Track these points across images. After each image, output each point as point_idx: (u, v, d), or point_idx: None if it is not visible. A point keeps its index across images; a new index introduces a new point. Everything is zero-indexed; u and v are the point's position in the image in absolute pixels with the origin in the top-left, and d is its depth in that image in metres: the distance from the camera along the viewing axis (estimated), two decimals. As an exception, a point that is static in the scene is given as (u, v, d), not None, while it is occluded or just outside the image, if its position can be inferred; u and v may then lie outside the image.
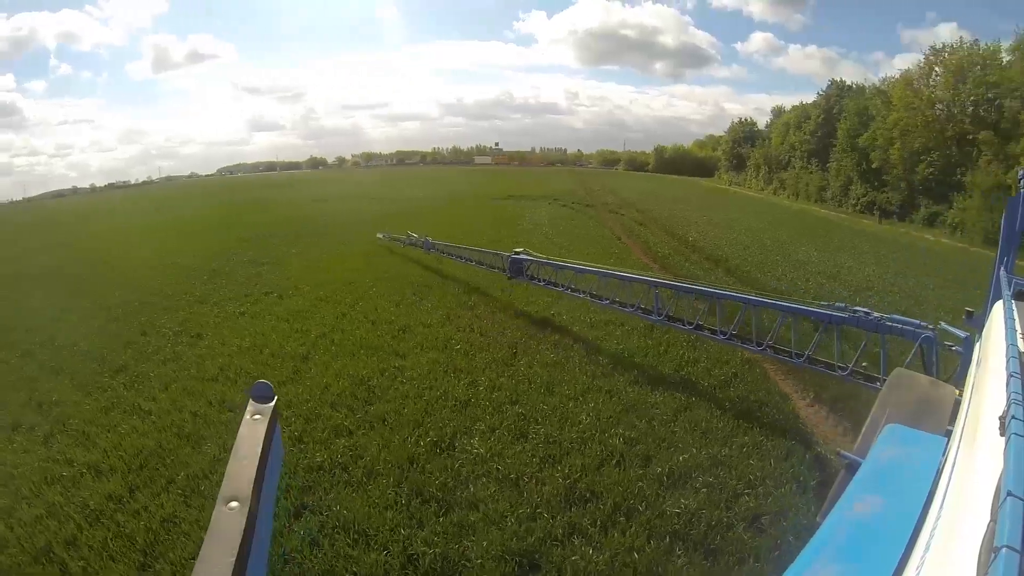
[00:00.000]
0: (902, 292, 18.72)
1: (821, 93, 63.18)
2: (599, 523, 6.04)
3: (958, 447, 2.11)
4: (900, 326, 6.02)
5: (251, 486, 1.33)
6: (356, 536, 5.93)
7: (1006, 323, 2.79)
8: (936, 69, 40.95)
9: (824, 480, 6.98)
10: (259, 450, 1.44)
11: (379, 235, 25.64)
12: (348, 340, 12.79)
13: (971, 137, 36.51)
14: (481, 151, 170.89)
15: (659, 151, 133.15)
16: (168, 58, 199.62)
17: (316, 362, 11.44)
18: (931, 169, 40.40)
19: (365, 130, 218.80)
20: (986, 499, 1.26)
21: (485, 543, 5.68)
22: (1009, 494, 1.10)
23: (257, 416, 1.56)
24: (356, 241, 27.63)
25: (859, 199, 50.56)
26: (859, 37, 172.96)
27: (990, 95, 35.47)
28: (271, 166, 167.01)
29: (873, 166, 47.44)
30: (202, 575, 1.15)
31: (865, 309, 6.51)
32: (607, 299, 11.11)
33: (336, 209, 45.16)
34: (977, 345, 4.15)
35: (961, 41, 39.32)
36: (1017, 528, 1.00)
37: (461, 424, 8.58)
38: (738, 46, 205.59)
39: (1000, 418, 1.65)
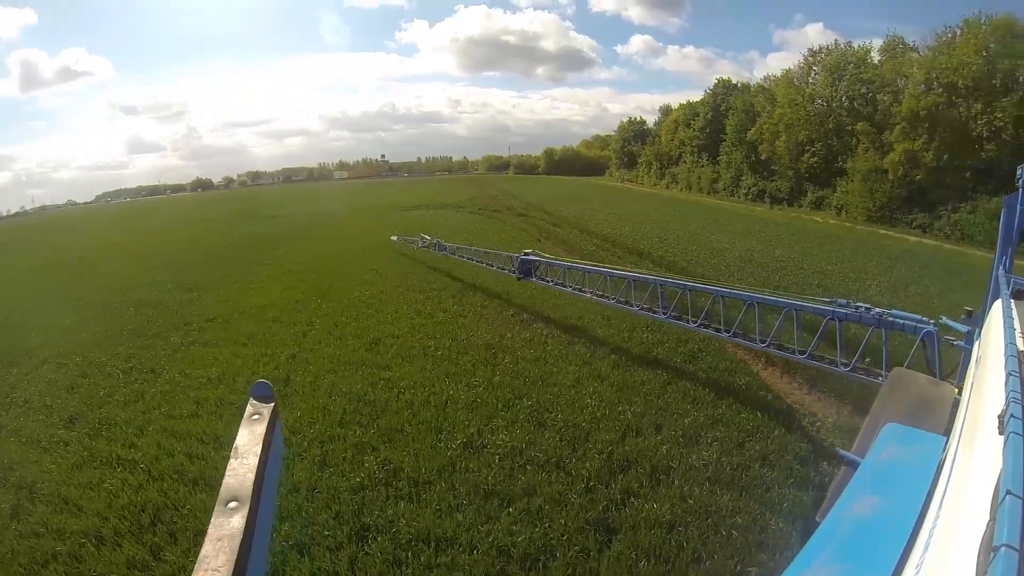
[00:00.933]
0: (810, 269, 21.42)
1: (708, 91, 67.20)
2: (646, 483, 6.87)
3: (957, 446, 2.12)
4: (901, 321, 5.98)
5: (251, 486, 1.33)
6: (437, 544, 6.11)
7: (1005, 322, 2.80)
8: (815, 68, 45.91)
9: (799, 424, 8.55)
10: (259, 449, 1.43)
11: (393, 237, 26.76)
12: (322, 359, 12.50)
13: (849, 128, 40.94)
14: (368, 164, 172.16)
15: (549, 153, 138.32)
16: (38, 75, 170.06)
17: (300, 384, 11.10)
18: (815, 158, 44.60)
19: (249, 148, 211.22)
20: (985, 498, 1.26)
21: (563, 520, 6.19)
22: (1008, 493, 1.10)
23: (256, 416, 1.54)
24: (279, 261, 26.40)
25: (750, 188, 54.03)
26: (734, 38, 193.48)
27: (864, 90, 40.25)
28: (155, 190, 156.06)
29: (762, 158, 51.30)
30: (202, 575, 1.14)
31: (866, 304, 6.45)
32: (613, 298, 11.15)
33: (240, 231, 41.64)
34: (976, 344, 4.18)
35: (836, 43, 45.05)
36: (1016, 527, 1.00)
37: (480, 423, 8.97)
38: (618, 48, 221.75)
39: (999, 417, 1.65)
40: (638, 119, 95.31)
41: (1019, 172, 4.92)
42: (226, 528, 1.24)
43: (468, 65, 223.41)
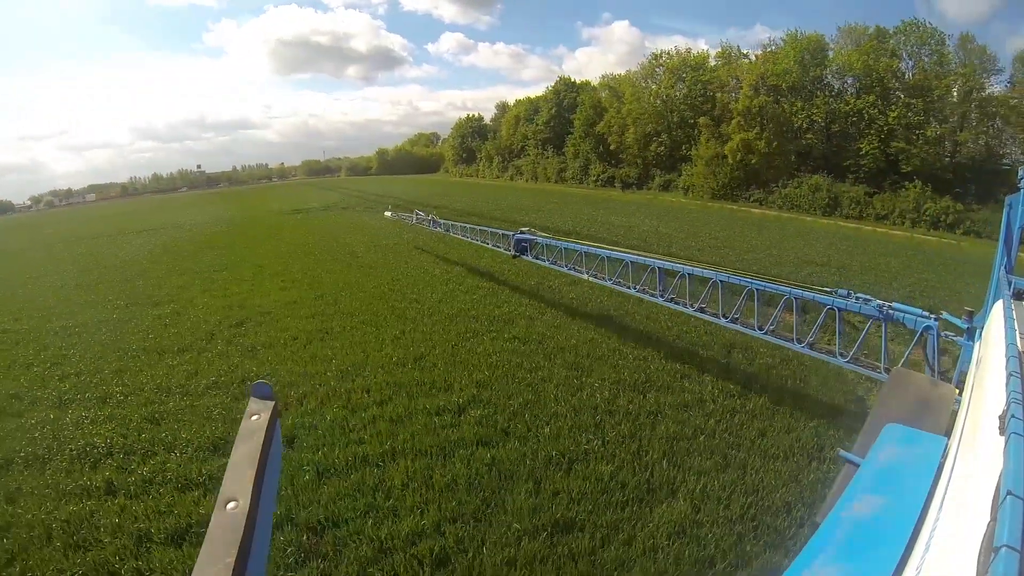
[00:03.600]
0: (707, 236, 25.95)
1: (550, 88, 72.21)
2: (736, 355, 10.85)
3: (958, 446, 2.13)
4: (902, 314, 5.85)
5: (251, 486, 1.33)
6: (669, 414, 8.77)
7: (1006, 323, 2.83)
8: (658, 70, 53.59)
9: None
10: (259, 450, 1.42)
11: (387, 213, 28.46)
12: (431, 335, 12.88)
13: (691, 121, 48.65)
14: (184, 176, 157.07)
15: (382, 153, 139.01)
16: None
17: (441, 355, 11.60)
18: (662, 147, 51.73)
19: (46, 164, 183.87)
20: (986, 498, 1.28)
21: (711, 389, 9.72)
22: (1009, 493, 1.10)
23: (256, 416, 1.51)
24: (232, 266, 23.72)
25: (599, 176, 59.48)
26: (543, 34, 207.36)
27: (703, 90, 48.48)
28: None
29: (611, 148, 57.40)
30: (201, 575, 1.14)
31: (867, 296, 6.29)
32: (611, 280, 11.12)
33: (129, 246, 34.48)
34: (977, 345, 4.18)
35: (676, 49, 53.34)
36: (1017, 527, 1.00)
37: (610, 359, 11.17)
38: (429, 47, 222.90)
39: (1000, 417, 1.67)
40: (476, 116, 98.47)
41: (1020, 173, 4.94)
42: (226, 528, 1.25)
43: (279, 67, 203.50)
